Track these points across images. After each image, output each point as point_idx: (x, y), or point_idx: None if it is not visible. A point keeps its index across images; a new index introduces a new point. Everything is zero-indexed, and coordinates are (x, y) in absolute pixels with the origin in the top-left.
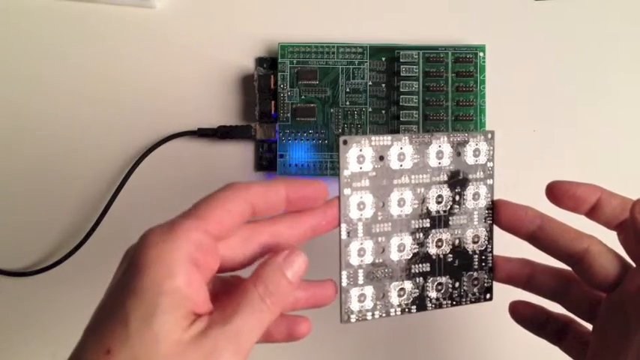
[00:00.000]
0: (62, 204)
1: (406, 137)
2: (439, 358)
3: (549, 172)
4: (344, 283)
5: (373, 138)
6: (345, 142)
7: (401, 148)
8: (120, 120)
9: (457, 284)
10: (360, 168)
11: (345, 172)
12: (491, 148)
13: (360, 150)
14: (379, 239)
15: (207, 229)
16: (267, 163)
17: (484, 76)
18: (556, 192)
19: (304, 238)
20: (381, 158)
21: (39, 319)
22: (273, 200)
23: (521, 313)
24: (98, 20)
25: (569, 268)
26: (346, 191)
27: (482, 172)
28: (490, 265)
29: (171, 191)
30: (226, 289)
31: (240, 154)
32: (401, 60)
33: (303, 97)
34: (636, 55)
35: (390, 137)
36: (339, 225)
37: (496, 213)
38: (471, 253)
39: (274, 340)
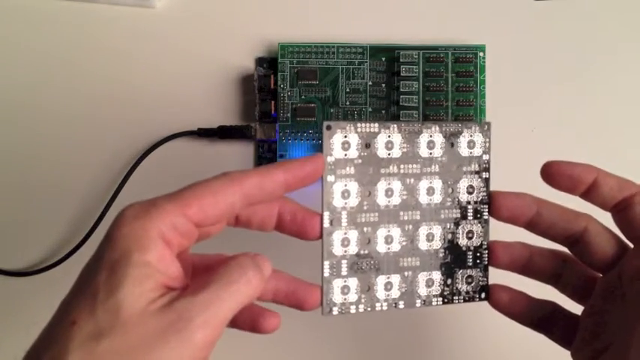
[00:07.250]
0: (62, 204)
1: (394, 125)
2: (431, 354)
3: None
4: (326, 274)
5: (359, 124)
6: (328, 128)
7: (389, 137)
8: (120, 120)
9: (449, 281)
10: (345, 155)
11: (329, 159)
12: (487, 140)
13: (345, 136)
14: (365, 229)
15: (188, 215)
16: (267, 163)
17: (484, 76)
18: (552, 172)
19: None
20: (367, 146)
21: (39, 319)
22: (269, 189)
23: (502, 299)
24: (98, 20)
25: (563, 249)
26: (329, 178)
27: (477, 165)
28: (485, 262)
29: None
30: (208, 266)
31: (240, 154)
32: (401, 60)
33: (303, 97)
34: (636, 55)
35: (377, 124)
36: (322, 215)
37: (493, 205)
38: (464, 249)
39: (237, 326)
